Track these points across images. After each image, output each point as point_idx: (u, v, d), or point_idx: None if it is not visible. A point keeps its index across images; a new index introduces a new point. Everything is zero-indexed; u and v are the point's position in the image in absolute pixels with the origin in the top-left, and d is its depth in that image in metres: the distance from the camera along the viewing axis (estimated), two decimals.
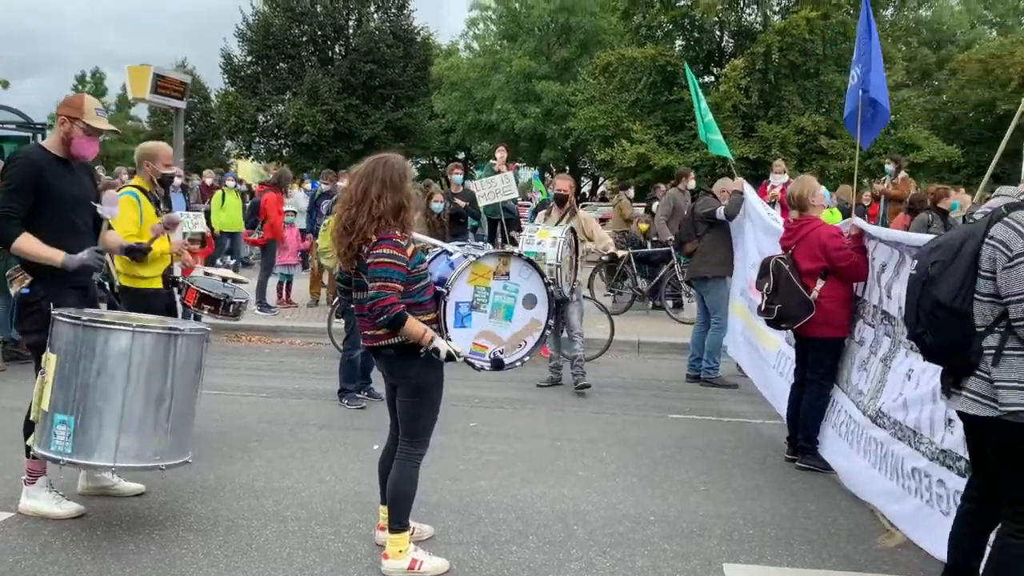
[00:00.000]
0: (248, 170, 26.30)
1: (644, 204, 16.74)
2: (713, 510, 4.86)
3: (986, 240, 3.07)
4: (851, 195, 10.07)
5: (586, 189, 40.78)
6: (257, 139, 31.86)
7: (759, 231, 7.36)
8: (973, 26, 41.15)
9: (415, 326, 3.65)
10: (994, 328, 3.07)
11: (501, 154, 13.00)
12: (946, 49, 37.86)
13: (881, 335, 5.06)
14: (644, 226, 13.50)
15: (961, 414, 3.30)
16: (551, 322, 4.18)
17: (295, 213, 12.74)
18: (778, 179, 12.39)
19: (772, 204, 12.01)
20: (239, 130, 31.08)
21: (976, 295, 3.09)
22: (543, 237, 7.11)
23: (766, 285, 5.59)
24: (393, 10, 31.58)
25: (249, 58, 31.03)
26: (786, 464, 5.77)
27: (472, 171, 32.78)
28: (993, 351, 3.07)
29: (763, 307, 5.66)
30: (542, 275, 4.12)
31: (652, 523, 4.64)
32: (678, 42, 28.91)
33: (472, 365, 3.97)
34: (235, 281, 5.76)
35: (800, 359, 5.80)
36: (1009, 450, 3.14)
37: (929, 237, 3.94)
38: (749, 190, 7.92)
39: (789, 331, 5.90)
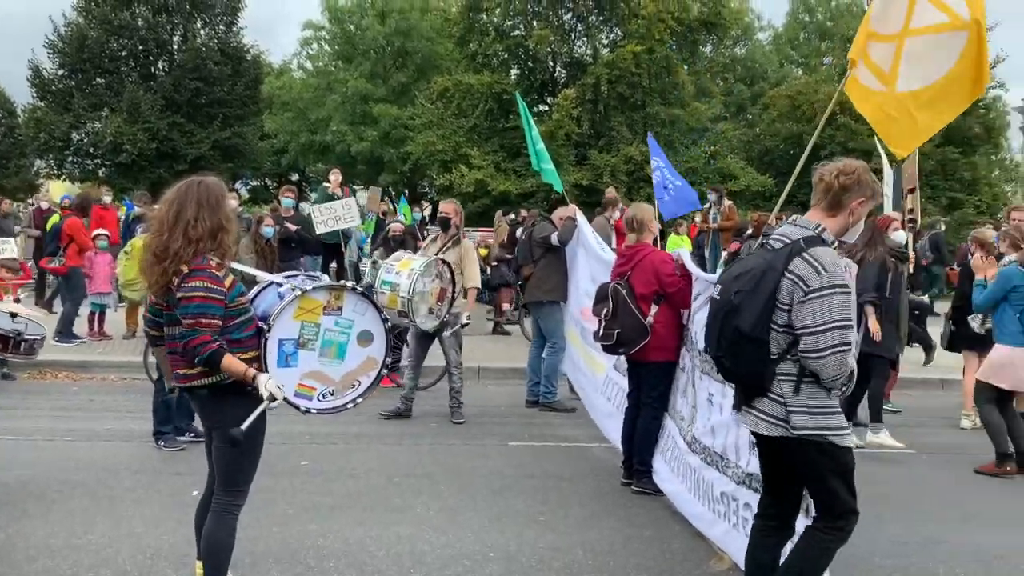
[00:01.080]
0: (61, 191, 24.30)
1: (491, 229, 16.68)
2: (553, 541, 4.80)
3: (786, 273, 3.19)
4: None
5: (425, 213, 40.64)
6: (71, 158, 29.59)
7: (591, 259, 7.47)
8: (782, 65, 44.40)
9: (234, 363, 3.36)
10: (786, 356, 3.22)
11: (335, 177, 12.64)
12: (759, 85, 40.61)
13: (699, 362, 5.18)
14: (484, 251, 13.51)
15: (754, 433, 3.46)
16: (388, 360, 3.94)
17: (107, 237, 11.79)
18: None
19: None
20: (49, 148, 28.75)
21: (773, 325, 3.21)
22: (402, 268, 6.89)
23: (604, 310, 5.64)
24: (221, 26, 30.31)
25: (61, 71, 28.84)
26: (622, 489, 5.81)
27: (307, 193, 31.88)
28: (793, 379, 3.22)
29: (601, 332, 5.69)
30: (378, 310, 3.88)
31: (492, 560, 4.51)
32: (513, 70, 29.44)
33: (296, 407, 3.69)
34: (25, 316, 5.17)
35: (634, 383, 5.88)
36: (803, 464, 3.35)
37: None
38: (581, 218, 8.03)
39: (616, 357, 5.98)
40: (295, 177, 42.11)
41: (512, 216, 15.65)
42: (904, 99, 5.20)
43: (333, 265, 12.92)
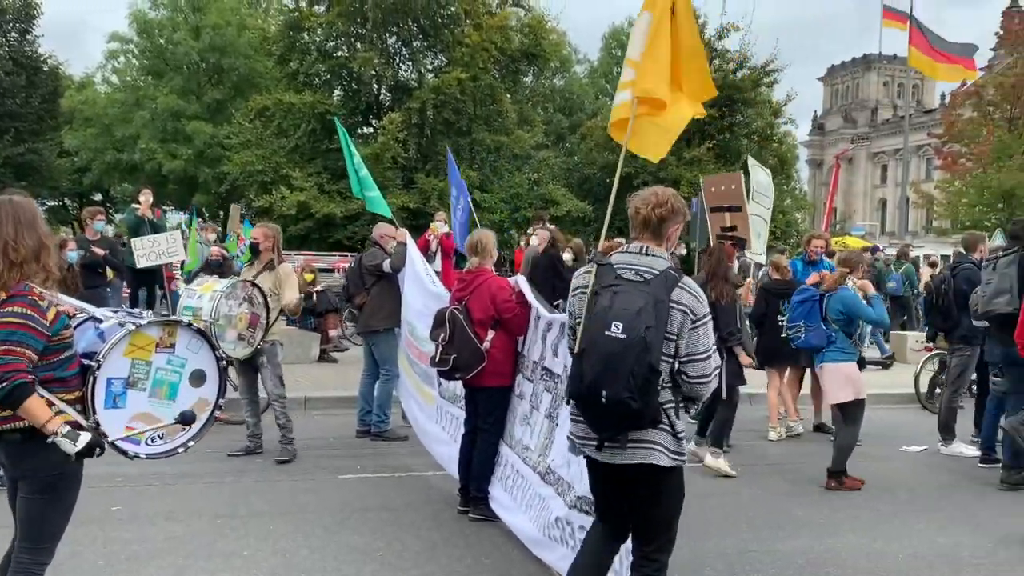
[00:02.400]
0: None
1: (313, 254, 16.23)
2: None
3: (673, 304, 3.29)
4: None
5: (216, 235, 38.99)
6: None
7: (418, 285, 7.38)
8: (597, 97, 46.47)
9: (37, 408, 3.01)
10: (665, 384, 3.35)
11: (146, 198, 11.86)
12: (576, 116, 42.28)
13: (541, 390, 5.20)
14: (310, 275, 13.13)
15: (617, 466, 3.40)
16: (222, 401, 3.69)
17: None
18: (441, 228, 12.74)
19: (436, 251, 12.32)
20: None
21: (664, 356, 3.30)
22: (204, 291, 6.50)
23: (442, 335, 5.59)
24: (14, 34, 27.97)
25: None
26: (459, 517, 5.75)
27: (111, 215, 29.78)
28: (673, 405, 3.37)
29: (438, 358, 5.64)
30: (214, 348, 3.63)
31: None
32: (337, 91, 29.01)
33: (124, 453, 3.38)
34: None
35: (471, 409, 5.86)
36: (669, 494, 3.47)
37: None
38: (410, 242, 7.95)
39: (442, 386, 5.96)
40: (98, 197, 39.30)
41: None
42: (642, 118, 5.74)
43: (143, 293, 12.11)
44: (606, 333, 3.23)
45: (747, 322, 8.33)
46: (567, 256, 12.75)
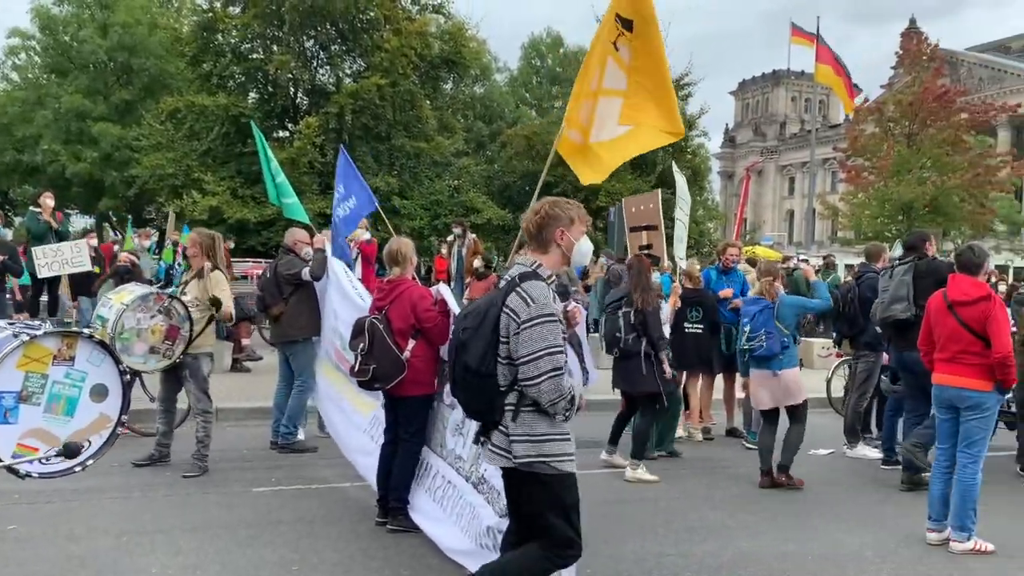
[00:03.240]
0: None
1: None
2: None
3: (504, 308, 3.41)
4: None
5: (153, 240, 37.74)
6: None
7: (343, 293, 7.24)
8: (517, 106, 46.83)
9: None
10: (512, 387, 3.42)
11: (48, 201, 11.37)
12: (497, 124, 42.46)
13: None
14: None
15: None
16: (125, 418, 3.53)
17: None
18: (362, 235, 12.62)
19: (356, 258, 12.17)
20: None
21: (499, 359, 3.41)
22: (118, 301, 6.24)
23: (361, 345, 5.50)
24: None
25: None
26: (377, 528, 5.66)
27: (10, 218, 28.46)
28: (512, 407, 3.42)
29: (357, 368, 5.55)
30: (117, 361, 3.46)
31: None
32: (252, 94, 28.39)
33: (15, 473, 3.19)
34: None
35: (391, 418, 5.78)
36: (525, 498, 3.54)
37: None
38: (330, 249, 7.81)
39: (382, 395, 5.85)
40: None
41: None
42: (595, 147, 6.03)
43: (45, 298, 11.59)
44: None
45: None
46: (477, 263, 12.81)
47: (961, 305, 5.70)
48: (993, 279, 14.12)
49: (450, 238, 15.29)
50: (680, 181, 10.63)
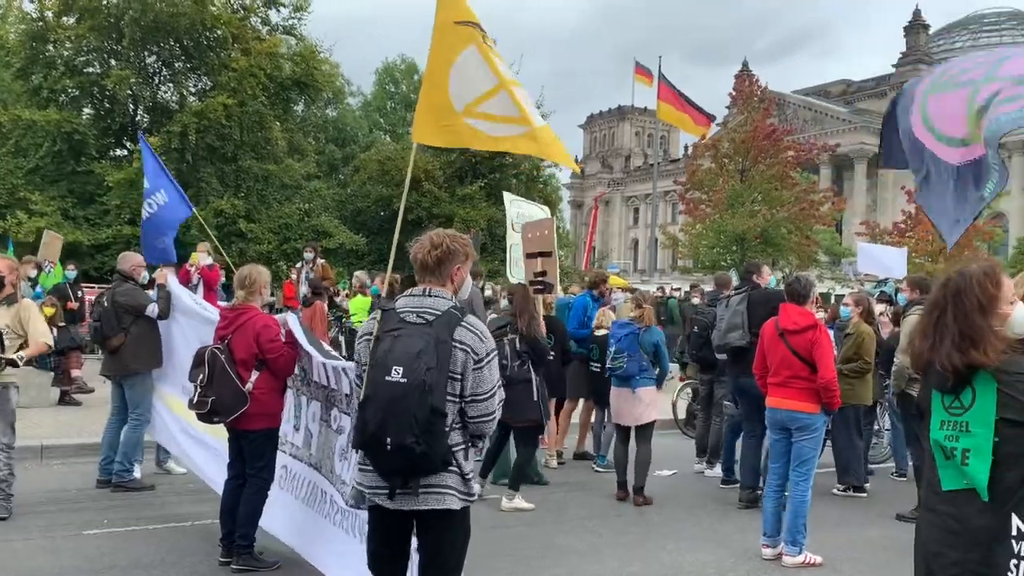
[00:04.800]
0: None
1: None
2: None
3: (455, 344, 3.29)
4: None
5: None
6: None
7: (194, 322, 6.89)
8: (371, 130, 46.49)
9: None
10: (454, 425, 3.32)
11: None
12: (350, 147, 41.98)
13: (348, 426, 5.01)
14: (50, 310, 11.87)
15: (407, 513, 3.37)
16: None
17: None
18: (203, 260, 12.09)
19: (197, 284, 11.65)
20: None
21: (449, 397, 3.28)
22: None
23: (200, 376, 5.26)
24: None
25: None
26: (221, 568, 5.41)
27: None
28: (463, 447, 3.36)
29: (195, 400, 5.30)
30: None
31: None
32: (87, 110, 26.79)
33: None
34: None
35: (235, 453, 5.55)
36: (456, 535, 3.47)
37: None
38: (173, 280, 7.43)
39: None
40: None
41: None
42: (545, 129, 6.02)
43: None
44: (387, 378, 3.20)
45: None
46: (304, 290, 12.63)
47: (791, 333, 6.11)
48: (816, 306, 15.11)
49: (299, 264, 14.91)
50: (520, 207, 10.79)
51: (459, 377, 3.29)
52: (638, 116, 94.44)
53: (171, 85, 27.26)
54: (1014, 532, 2.67)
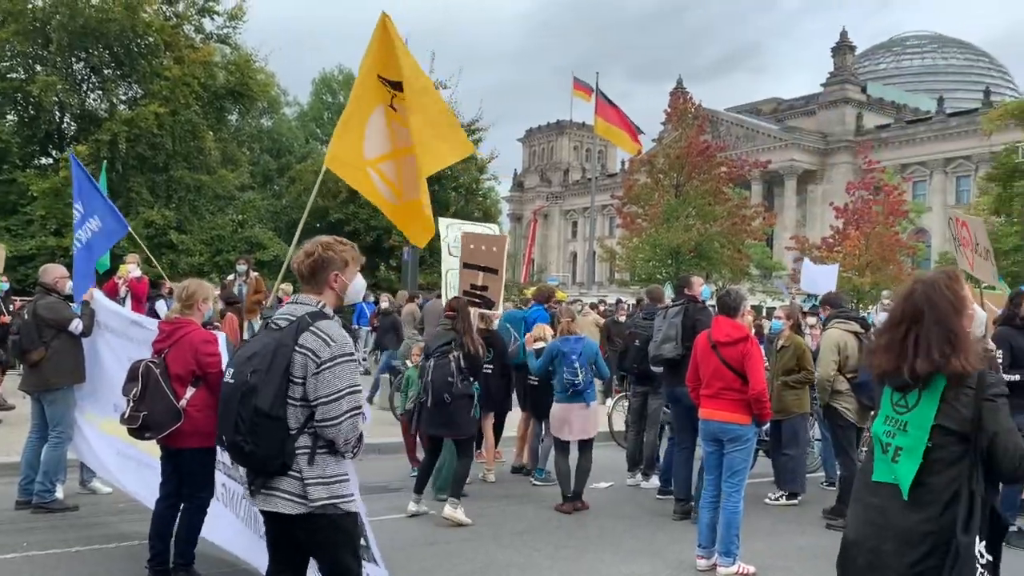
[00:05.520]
0: None
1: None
2: None
3: (297, 348, 3.33)
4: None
5: None
6: None
7: (124, 339, 6.65)
8: (308, 141, 45.95)
9: None
10: (304, 430, 3.34)
11: None
12: (286, 158, 41.43)
13: None
14: None
15: (268, 513, 3.48)
16: None
17: None
18: (132, 272, 11.76)
19: (125, 296, 11.31)
20: None
21: (289, 400, 3.32)
22: None
23: (133, 391, 5.10)
24: None
25: None
26: None
27: None
28: (307, 451, 3.35)
29: (127, 414, 5.12)
30: None
31: None
32: (10, 116, 25.90)
33: None
34: None
35: (168, 471, 5.39)
36: (320, 541, 3.46)
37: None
38: (99, 295, 7.19)
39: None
40: None
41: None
42: (411, 206, 6.09)
43: None
44: (224, 380, 3.46)
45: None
46: (220, 306, 12.30)
47: (723, 345, 6.22)
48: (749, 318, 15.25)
49: (231, 276, 14.59)
50: (453, 233, 10.62)
51: (300, 381, 3.33)
52: (576, 131, 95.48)
53: (100, 92, 26.56)
54: (941, 545, 2.75)
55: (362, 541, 3.78)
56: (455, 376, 7.24)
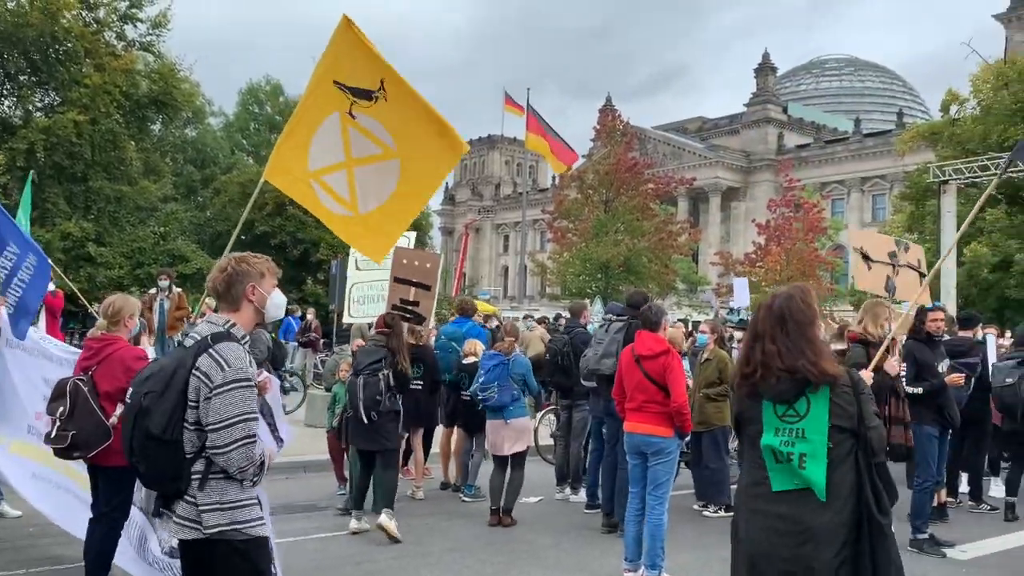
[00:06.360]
0: None
1: None
2: None
3: (193, 371, 3.23)
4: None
5: None
6: None
7: (35, 358, 6.40)
8: (233, 152, 45.11)
9: None
10: (200, 454, 3.23)
11: None
12: (210, 169, 40.58)
13: None
14: None
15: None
16: None
17: None
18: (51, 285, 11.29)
19: (38, 311, 10.87)
20: None
21: (185, 424, 3.22)
22: None
23: (60, 409, 4.92)
24: None
25: None
26: None
27: None
28: (200, 476, 3.23)
29: (54, 434, 4.94)
30: None
31: None
32: None
33: None
34: None
35: (97, 492, 5.21)
36: (219, 568, 3.32)
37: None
38: (3, 312, 6.88)
39: None
40: None
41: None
42: (368, 218, 5.90)
43: None
44: (126, 400, 3.40)
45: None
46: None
47: (646, 359, 6.34)
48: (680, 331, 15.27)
49: (153, 290, 14.17)
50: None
51: (195, 405, 3.23)
52: (508, 145, 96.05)
53: (15, 99, 25.62)
54: (852, 532, 3.06)
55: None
56: (383, 394, 7.25)
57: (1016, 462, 9.07)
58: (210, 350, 3.22)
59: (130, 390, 3.33)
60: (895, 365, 5.72)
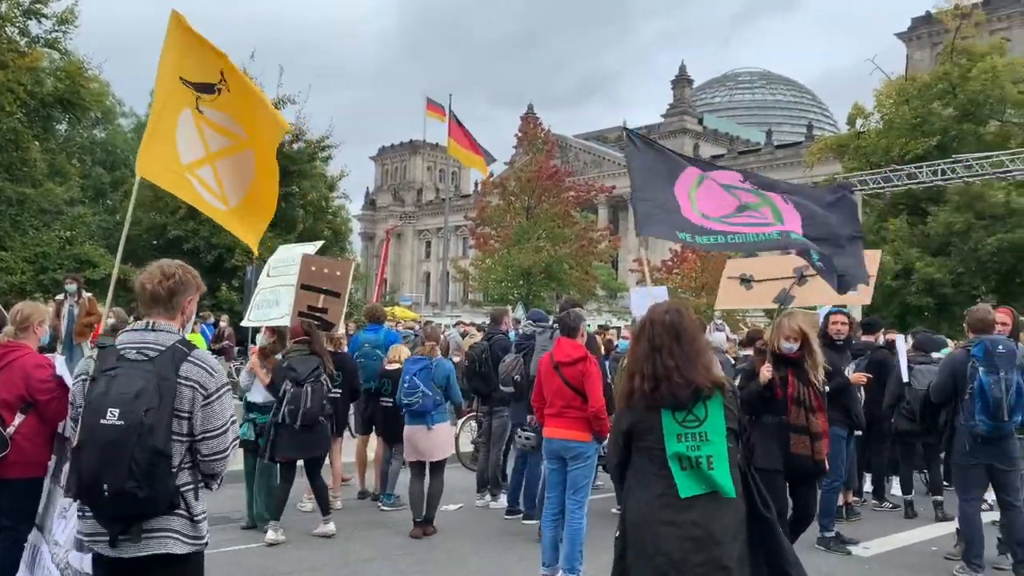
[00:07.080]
0: None
1: None
2: None
3: (181, 381, 3.15)
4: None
5: None
6: None
7: None
8: None
9: None
10: (183, 465, 3.17)
11: None
12: (120, 171, 39.22)
13: None
14: None
15: (124, 560, 3.18)
16: None
17: None
18: None
19: None
20: None
21: (175, 437, 3.14)
22: None
23: None
24: None
25: None
26: None
27: None
28: (192, 487, 3.20)
29: None
30: None
31: None
32: None
33: None
34: None
35: None
36: None
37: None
38: None
39: None
40: None
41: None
42: (238, 211, 5.88)
43: None
44: (102, 421, 3.05)
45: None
46: (110, 322, 11.55)
47: (564, 365, 6.40)
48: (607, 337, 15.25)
49: (60, 296, 13.62)
50: (280, 255, 10.28)
51: (187, 415, 3.17)
52: (430, 151, 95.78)
53: None
54: (747, 527, 3.36)
55: None
56: (318, 404, 7.35)
57: (905, 461, 9.46)
58: (189, 358, 3.19)
59: (113, 411, 3.04)
60: (766, 373, 5.97)
